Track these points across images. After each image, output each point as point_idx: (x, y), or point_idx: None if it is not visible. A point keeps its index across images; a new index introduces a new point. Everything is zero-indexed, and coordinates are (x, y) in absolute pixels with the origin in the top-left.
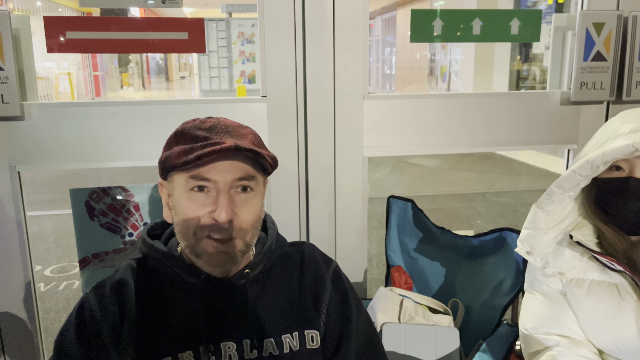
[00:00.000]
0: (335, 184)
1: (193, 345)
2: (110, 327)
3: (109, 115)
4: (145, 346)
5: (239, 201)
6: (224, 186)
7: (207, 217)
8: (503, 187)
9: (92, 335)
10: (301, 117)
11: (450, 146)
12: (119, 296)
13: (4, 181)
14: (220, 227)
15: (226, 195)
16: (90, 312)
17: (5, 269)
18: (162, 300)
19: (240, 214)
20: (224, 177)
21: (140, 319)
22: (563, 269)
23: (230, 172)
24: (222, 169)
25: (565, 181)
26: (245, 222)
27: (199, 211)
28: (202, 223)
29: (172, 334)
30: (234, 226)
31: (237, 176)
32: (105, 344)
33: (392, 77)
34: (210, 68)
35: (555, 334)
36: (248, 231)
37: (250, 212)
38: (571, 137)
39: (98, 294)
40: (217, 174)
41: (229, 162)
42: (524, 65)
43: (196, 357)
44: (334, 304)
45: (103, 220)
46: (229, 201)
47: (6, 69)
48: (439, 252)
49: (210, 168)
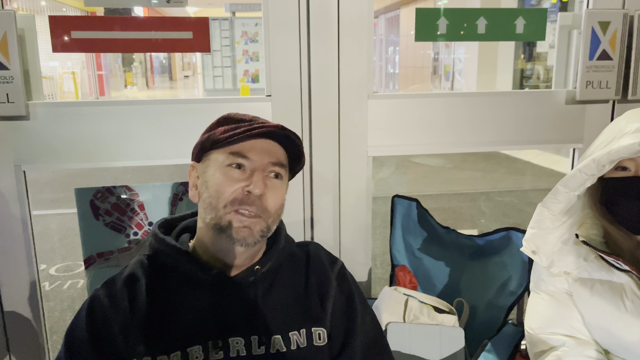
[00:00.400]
0: (340, 183)
1: (202, 340)
2: (120, 322)
3: (114, 115)
4: (155, 341)
5: (269, 185)
6: (260, 166)
7: (240, 191)
8: (507, 187)
9: (103, 331)
10: (306, 116)
11: (455, 145)
12: (129, 291)
13: (9, 180)
14: (252, 200)
15: (261, 173)
16: (100, 307)
17: (11, 268)
18: (172, 295)
19: (268, 195)
20: (261, 157)
21: (150, 313)
22: (569, 268)
23: (268, 155)
24: (260, 150)
25: (570, 180)
26: (271, 204)
27: (234, 185)
28: (234, 196)
29: (181, 329)
30: (262, 203)
31: (272, 160)
32: (115, 339)
33: (395, 77)
34: (214, 67)
35: (561, 333)
36: (271, 215)
37: (277, 197)
38: (576, 136)
39: (109, 290)
40: (256, 154)
41: (267, 144)
42: (527, 64)
43: (205, 351)
44: (339, 302)
45: (108, 220)
46: (262, 178)
47: (11, 69)
48: (444, 252)
49: (250, 147)
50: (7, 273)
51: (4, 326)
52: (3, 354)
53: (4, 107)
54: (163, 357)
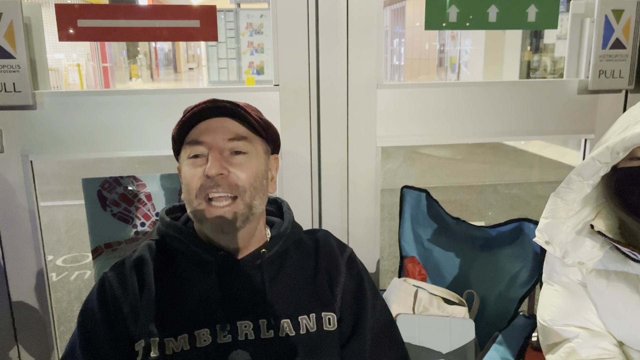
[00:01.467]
0: (348, 174)
1: (209, 323)
2: (130, 303)
3: (121, 105)
4: (163, 323)
5: (233, 162)
6: (214, 145)
7: (202, 177)
8: (514, 179)
9: (113, 310)
10: (314, 106)
11: (465, 136)
12: (138, 273)
13: (16, 170)
14: (215, 182)
15: (217, 153)
16: (110, 288)
17: (18, 258)
18: (180, 278)
19: (235, 171)
20: (214, 137)
21: (158, 296)
22: (583, 259)
23: (220, 133)
24: (212, 130)
25: (584, 169)
26: (241, 179)
27: (196, 174)
28: (199, 183)
29: (189, 311)
30: (229, 182)
31: (227, 136)
32: (125, 318)
33: (400, 68)
34: (218, 59)
35: (575, 325)
36: (247, 189)
37: (246, 170)
38: (588, 126)
39: (118, 272)
40: (207, 136)
41: (219, 123)
42: (534, 56)
43: (212, 334)
44: (349, 288)
45: (115, 210)
46: (218, 157)
47: (18, 58)
48: (454, 243)
49: (200, 131)
50: (15, 263)
51: (12, 316)
52: (11, 344)
53: (10, 97)
54: (170, 339)
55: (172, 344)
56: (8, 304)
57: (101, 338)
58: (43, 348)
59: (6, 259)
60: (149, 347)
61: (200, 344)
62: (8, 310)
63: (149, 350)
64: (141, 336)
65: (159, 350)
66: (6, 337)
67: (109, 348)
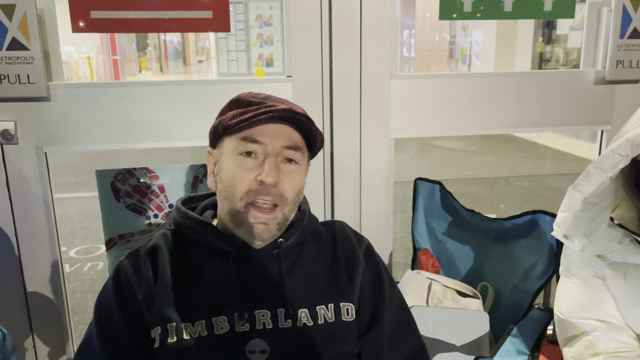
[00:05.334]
0: (361, 165)
1: (227, 311)
2: (144, 289)
3: (134, 96)
4: (180, 309)
5: (283, 169)
6: (272, 151)
7: (253, 182)
8: (526, 171)
9: (128, 297)
10: (327, 97)
11: (479, 127)
12: (152, 261)
13: (31, 162)
14: (267, 190)
15: (273, 159)
16: (125, 275)
17: (33, 249)
18: (196, 266)
19: (284, 182)
20: (273, 142)
21: (175, 283)
22: (602, 252)
23: (280, 139)
24: (272, 134)
25: (603, 161)
26: (287, 191)
27: (246, 175)
28: (249, 187)
29: (206, 299)
30: (277, 191)
31: (285, 144)
32: (140, 306)
33: (410, 60)
34: (228, 51)
35: (593, 318)
36: (289, 202)
37: (293, 183)
38: (605, 118)
39: (132, 260)
40: (267, 138)
41: (280, 128)
42: (547, 47)
43: (230, 322)
44: (367, 279)
45: (129, 202)
46: (275, 165)
47: (32, 49)
48: (468, 235)
49: (261, 131)
50: (30, 254)
51: (27, 307)
52: (26, 334)
53: (25, 88)
54: (187, 325)
55: (189, 329)
56: (23, 294)
57: (117, 325)
58: (58, 338)
59: (21, 250)
60: (166, 333)
61: (218, 331)
62: (23, 301)
63: (166, 336)
64: (157, 323)
65: (177, 336)
66: (22, 327)
67: (125, 335)
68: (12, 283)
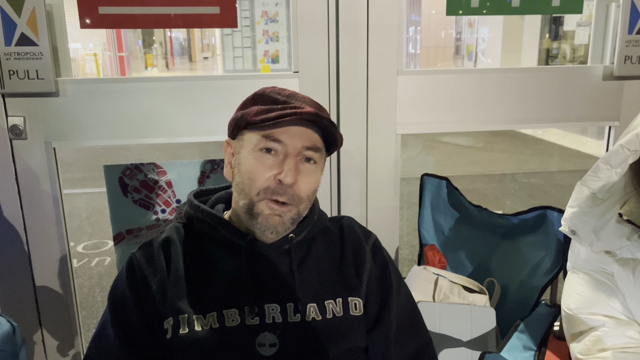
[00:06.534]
0: (368, 161)
1: (238, 304)
2: (157, 281)
3: (143, 92)
4: (192, 300)
5: (302, 169)
6: (293, 151)
7: (272, 179)
8: (533, 168)
9: (142, 288)
10: (333, 92)
11: (486, 123)
12: (165, 253)
13: (40, 157)
14: (284, 189)
15: (293, 159)
16: (139, 267)
17: (42, 244)
18: (208, 259)
19: (300, 183)
20: (294, 142)
21: (187, 275)
22: (611, 248)
23: (301, 139)
24: (294, 134)
25: (612, 157)
26: (303, 191)
27: (266, 172)
28: (267, 185)
29: (217, 291)
30: (294, 191)
31: (306, 144)
32: (154, 296)
33: (416, 57)
34: (234, 48)
35: (601, 314)
36: (303, 201)
37: (310, 183)
38: (613, 114)
39: (145, 251)
40: (289, 138)
41: (302, 129)
42: (553, 43)
43: (241, 315)
44: (374, 275)
45: (136, 197)
46: (295, 165)
47: (40, 45)
48: (474, 231)
49: (283, 131)
50: (39, 249)
51: (36, 301)
52: (35, 328)
53: (34, 84)
54: (199, 317)
55: (201, 321)
56: (32, 288)
57: (131, 315)
58: (66, 332)
59: (30, 245)
60: (178, 324)
61: (229, 324)
62: (32, 295)
63: (177, 327)
64: (170, 314)
65: (188, 327)
66: (31, 320)
67: (140, 325)
68: (22, 277)
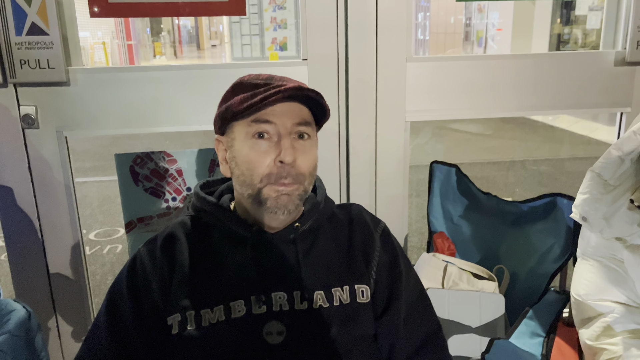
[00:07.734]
0: (377, 149)
1: (244, 295)
2: (159, 279)
3: (153, 80)
4: (199, 295)
5: (297, 147)
6: (284, 130)
7: (272, 164)
8: (543, 155)
9: (142, 286)
10: (342, 80)
11: (496, 110)
12: (169, 250)
13: (52, 146)
14: (286, 171)
15: (288, 138)
16: (141, 264)
17: (55, 232)
18: (214, 251)
19: (299, 160)
20: (284, 121)
21: (193, 270)
22: (622, 234)
23: (290, 117)
24: (283, 113)
25: (624, 143)
26: (304, 167)
27: (264, 158)
28: (268, 171)
29: (224, 283)
30: (296, 170)
31: (295, 121)
32: (153, 295)
33: (425, 43)
34: (242, 36)
35: (611, 300)
36: (306, 177)
37: (308, 159)
38: (625, 100)
39: (149, 248)
40: (278, 117)
41: (288, 106)
42: (565, 29)
43: (247, 305)
44: (383, 262)
45: (147, 185)
46: (290, 143)
47: (51, 34)
48: (484, 218)
49: (270, 111)
50: (53, 237)
51: (50, 288)
52: (50, 314)
53: (45, 73)
54: (206, 311)
55: (208, 315)
56: (46, 276)
57: (126, 313)
58: (80, 318)
59: (44, 233)
60: (185, 320)
61: (235, 315)
62: (46, 282)
63: (184, 323)
64: (175, 310)
65: (195, 323)
66: (45, 307)
67: (133, 324)
68: (36, 264)
